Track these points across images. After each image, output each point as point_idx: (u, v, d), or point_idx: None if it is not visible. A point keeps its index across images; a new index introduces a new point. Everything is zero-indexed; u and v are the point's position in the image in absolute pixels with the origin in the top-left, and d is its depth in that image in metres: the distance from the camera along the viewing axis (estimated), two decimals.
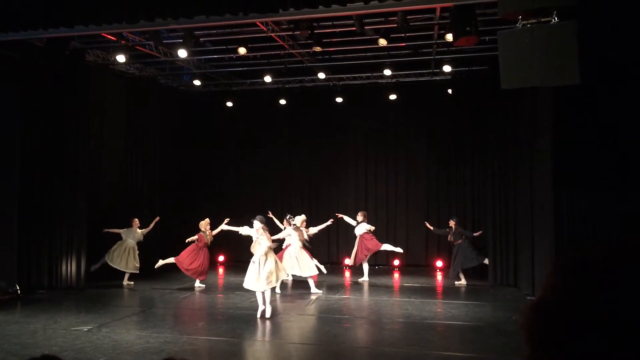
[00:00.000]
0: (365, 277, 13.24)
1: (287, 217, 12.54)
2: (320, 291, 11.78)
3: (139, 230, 12.59)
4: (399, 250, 13.21)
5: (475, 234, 12.95)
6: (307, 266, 11.80)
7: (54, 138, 11.74)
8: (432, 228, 13.68)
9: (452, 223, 13.03)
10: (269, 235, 9.70)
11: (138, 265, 12.45)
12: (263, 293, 9.49)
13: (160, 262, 12.13)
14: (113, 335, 8.18)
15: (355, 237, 13.23)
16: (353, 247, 13.31)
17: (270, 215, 13.20)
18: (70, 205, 11.83)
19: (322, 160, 16.09)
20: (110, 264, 12.29)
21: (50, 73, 11.10)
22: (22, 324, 8.87)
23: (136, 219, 12.64)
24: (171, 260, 12.14)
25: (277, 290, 11.15)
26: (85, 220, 12.06)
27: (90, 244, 12.21)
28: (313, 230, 12.81)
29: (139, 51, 12.76)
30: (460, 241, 12.77)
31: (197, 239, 12.16)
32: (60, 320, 9.14)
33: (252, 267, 9.57)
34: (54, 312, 9.68)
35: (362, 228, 13.13)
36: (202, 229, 12.29)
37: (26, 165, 11.18)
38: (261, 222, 9.63)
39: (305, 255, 11.91)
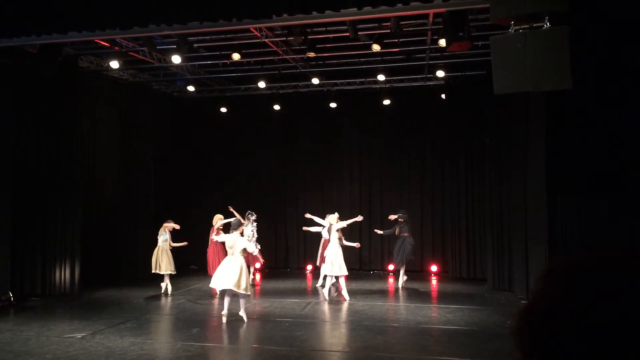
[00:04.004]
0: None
1: (247, 214, 12.50)
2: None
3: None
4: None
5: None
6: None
7: (48, 144, 11.69)
8: (381, 232, 13.33)
9: (394, 216, 12.94)
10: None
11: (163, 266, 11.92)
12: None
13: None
14: (107, 343, 8.14)
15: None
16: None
17: (231, 209, 12.75)
18: (64, 211, 11.78)
19: (316, 165, 16.10)
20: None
21: (44, 79, 11.07)
22: (15, 331, 8.81)
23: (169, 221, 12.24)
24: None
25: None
26: (79, 227, 12.02)
27: (84, 250, 12.16)
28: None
29: (133, 57, 12.74)
30: (407, 234, 12.80)
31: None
32: (54, 327, 9.08)
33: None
34: (47, 320, 9.62)
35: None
36: (214, 223, 12.07)
37: (20, 171, 11.13)
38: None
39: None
